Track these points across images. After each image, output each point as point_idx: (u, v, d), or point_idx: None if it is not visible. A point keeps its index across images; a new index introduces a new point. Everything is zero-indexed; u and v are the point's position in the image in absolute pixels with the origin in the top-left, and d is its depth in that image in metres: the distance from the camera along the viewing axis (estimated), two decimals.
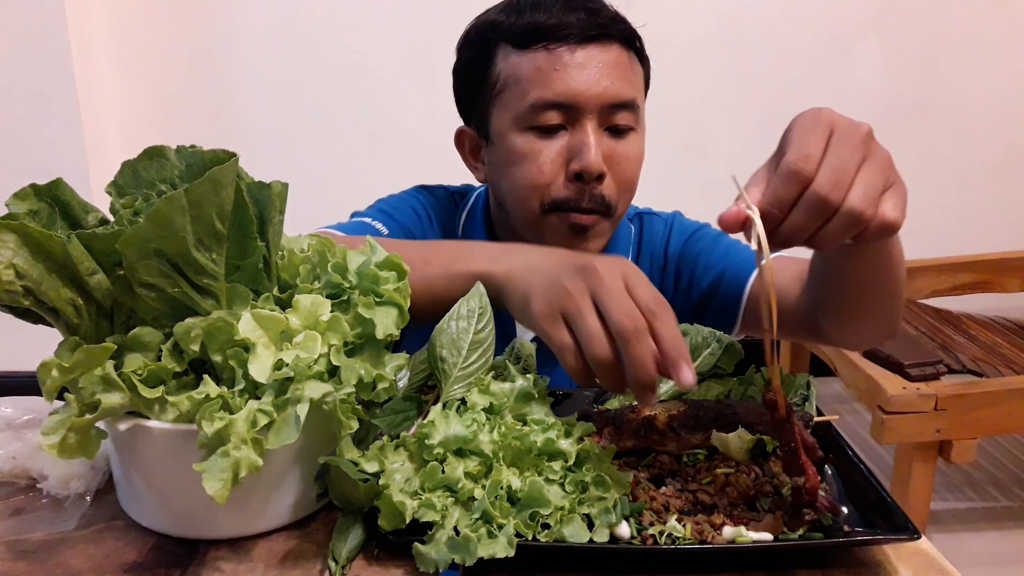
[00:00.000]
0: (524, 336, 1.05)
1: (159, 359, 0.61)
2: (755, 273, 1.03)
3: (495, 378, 0.72)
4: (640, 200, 1.11)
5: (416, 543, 0.58)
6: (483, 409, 0.68)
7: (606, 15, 0.95)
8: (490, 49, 0.98)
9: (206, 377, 0.60)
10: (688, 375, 0.60)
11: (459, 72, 1.05)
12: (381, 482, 0.60)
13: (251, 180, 0.64)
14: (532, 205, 0.98)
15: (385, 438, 0.66)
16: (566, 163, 0.94)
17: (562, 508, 0.61)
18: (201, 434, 0.57)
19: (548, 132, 0.94)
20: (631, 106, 0.95)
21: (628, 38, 0.96)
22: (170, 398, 0.59)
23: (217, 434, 0.56)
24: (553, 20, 0.92)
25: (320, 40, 2.29)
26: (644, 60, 1.01)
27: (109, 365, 0.58)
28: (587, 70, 0.92)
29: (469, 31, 1.02)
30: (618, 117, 0.94)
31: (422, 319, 0.74)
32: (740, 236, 0.59)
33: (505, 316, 0.77)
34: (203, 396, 0.58)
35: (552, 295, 0.67)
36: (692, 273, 1.10)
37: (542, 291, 0.69)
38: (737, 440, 0.71)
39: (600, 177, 0.95)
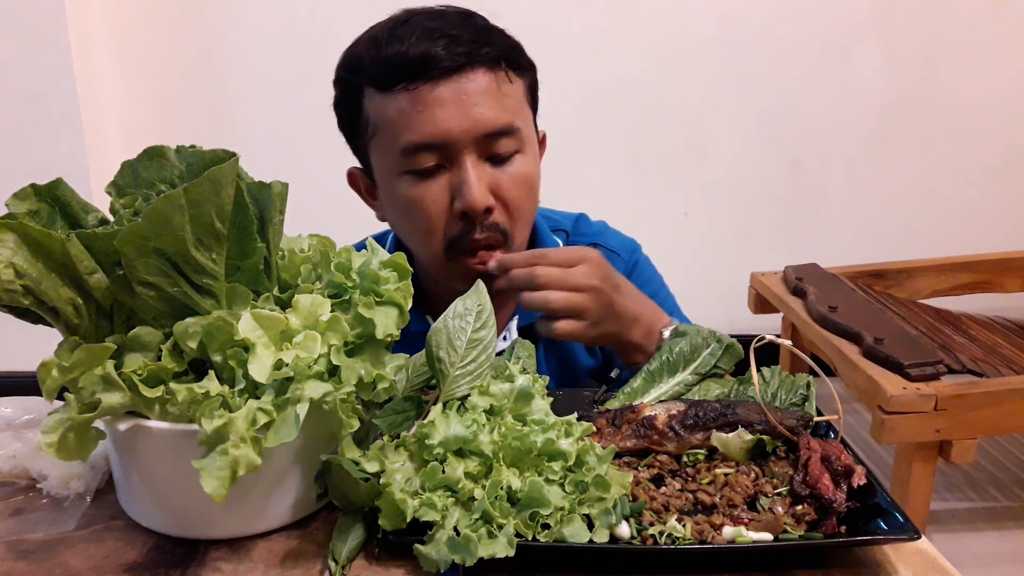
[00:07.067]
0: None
1: (159, 359, 0.61)
2: None
3: (494, 378, 0.72)
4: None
5: (416, 543, 0.58)
6: (483, 411, 0.68)
7: (466, 40, 0.88)
8: (357, 92, 0.93)
9: (210, 372, 0.60)
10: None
11: (336, 110, 1.00)
12: (382, 482, 0.60)
13: (251, 180, 0.64)
14: (434, 249, 0.94)
15: (385, 438, 0.66)
16: (451, 202, 0.90)
17: (562, 508, 0.61)
18: (201, 431, 0.57)
19: (426, 175, 0.89)
20: (509, 131, 0.90)
21: (494, 60, 0.89)
22: (169, 397, 0.59)
23: (216, 431, 0.56)
24: (413, 52, 0.86)
25: (320, 40, 2.29)
26: (523, 69, 0.94)
27: (109, 365, 0.58)
28: (451, 105, 0.86)
29: (338, 68, 0.96)
30: (497, 145, 0.90)
31: None
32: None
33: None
34: (203, 391, 0.58)
35: None
36: None
37: None
38: (737, 440, 0.71)
39: (488, 210, 0.90)
